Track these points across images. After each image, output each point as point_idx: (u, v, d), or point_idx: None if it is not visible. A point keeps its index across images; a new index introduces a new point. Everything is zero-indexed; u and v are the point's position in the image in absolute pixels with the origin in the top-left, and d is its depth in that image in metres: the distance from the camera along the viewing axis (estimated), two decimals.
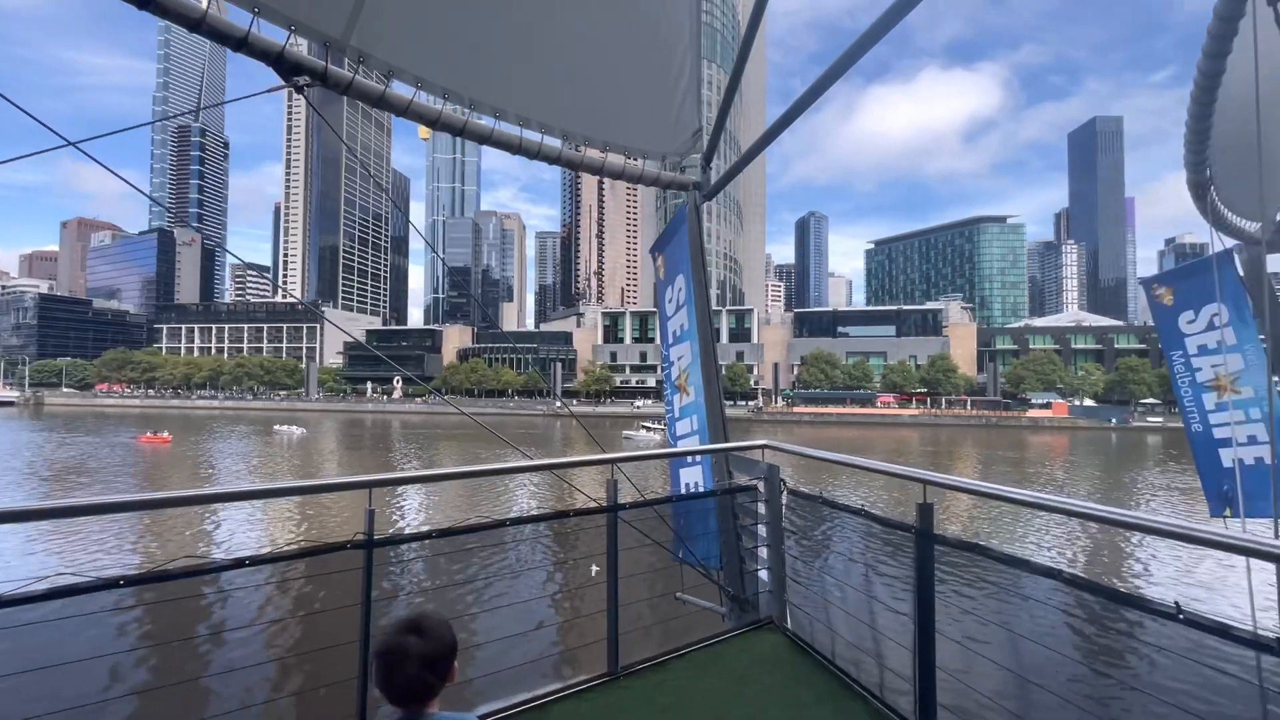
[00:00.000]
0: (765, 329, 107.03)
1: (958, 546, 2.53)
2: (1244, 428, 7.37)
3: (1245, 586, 4.60)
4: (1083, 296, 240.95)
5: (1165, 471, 47.74)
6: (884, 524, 2.99)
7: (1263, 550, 1.51)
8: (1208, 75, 4.14)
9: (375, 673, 1.48)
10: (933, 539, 2.61)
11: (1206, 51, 3.87)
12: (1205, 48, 3.84)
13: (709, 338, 4.83)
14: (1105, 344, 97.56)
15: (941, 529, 2.62)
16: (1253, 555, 1.50)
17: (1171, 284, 8.08)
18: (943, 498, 39.02)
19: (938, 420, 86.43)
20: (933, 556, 2.60)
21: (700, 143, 4.87)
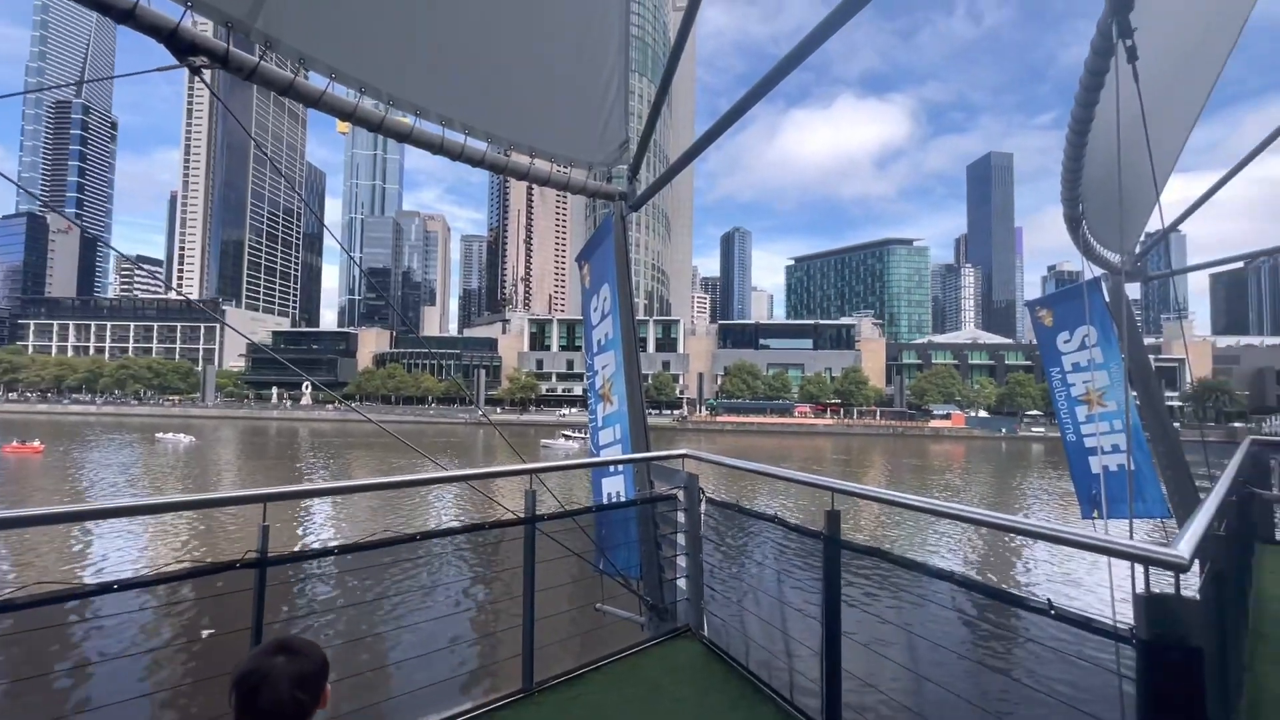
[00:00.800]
0: (691, 339, 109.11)
1: (862, 551, 2.66)
2: (1108, 438, 8.20)
3: (1107, 583, 5.09)
4: (978, 316, 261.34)
5: (1045, 477, 52.37)
6: (795, 531, 3.10)
7: (1120, 550, 1.68)
8: (1079, 122, 4.63)
9: (235, 701, 1.34)
10: (840, 545, 2.73)
11: (1078, 101, 4.33)
12: (1077, 98, 4.30)
13: (633, 347, 4.86)
14: (997, 360, 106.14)
15: (850, 535, 2.75)
16: (1112, 555, 1.67)
17: (1051, 307, 8.91)
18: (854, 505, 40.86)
19: (850, 430, 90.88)
20: (839, 562, 2.72)
21: (627, 154, 4.91)
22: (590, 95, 4.49)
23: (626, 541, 4.24)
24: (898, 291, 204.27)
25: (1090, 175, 5.68)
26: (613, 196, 4.96)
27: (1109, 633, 1.67)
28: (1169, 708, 1.56)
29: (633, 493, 4.63)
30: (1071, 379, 8.57)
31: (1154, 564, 1.58)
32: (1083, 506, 8.54)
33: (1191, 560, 1.54)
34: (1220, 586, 2.44)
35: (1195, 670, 1.53)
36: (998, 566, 21.39)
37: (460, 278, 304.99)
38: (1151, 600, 1.57)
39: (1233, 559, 3.33)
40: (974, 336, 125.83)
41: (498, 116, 4.17)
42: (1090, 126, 4.65)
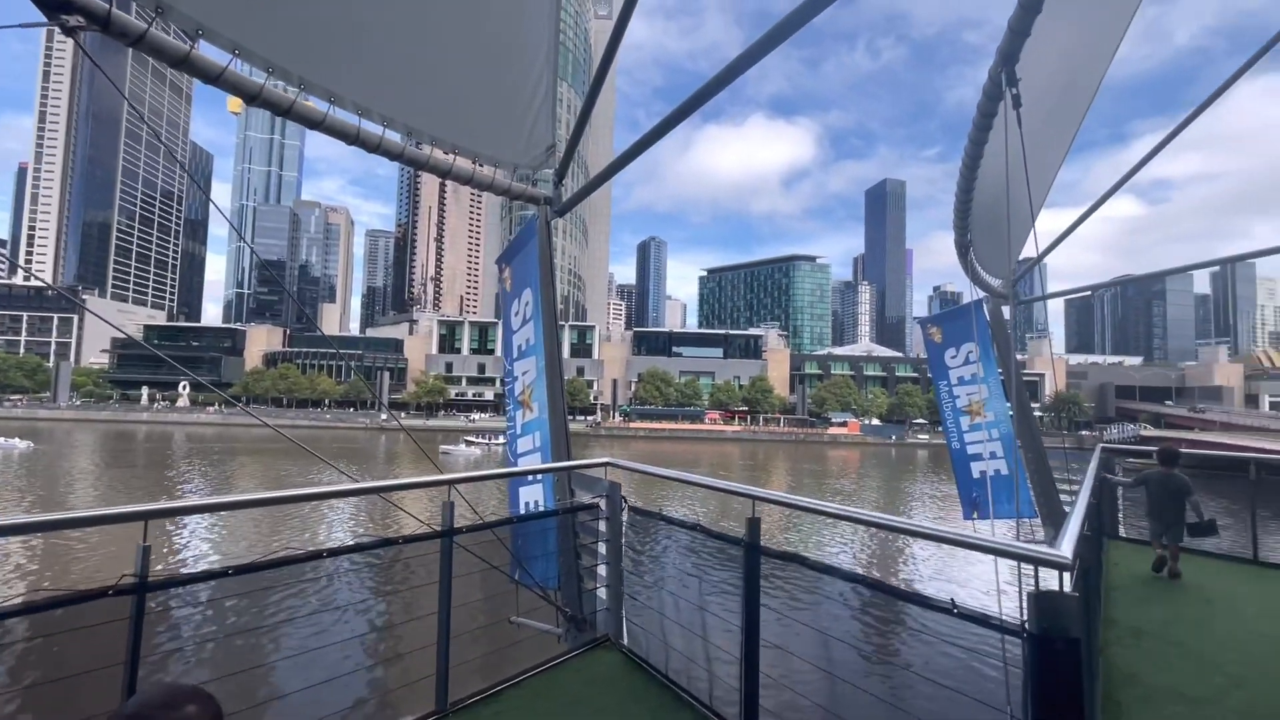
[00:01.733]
0: (606, 346, 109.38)
1: (781, 557, 2.76)
2: (988, 445, 9.01)
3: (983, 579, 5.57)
4: (873, 330, 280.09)
5: (928, 481, 56.83)
6: (717, 538, 3.17)
7: (1014, 552, 1.85)
8: (971, 158, 5.09)
9: None
10: (760, 551, 2.82)
11: (971, 139, 4.77)
12: (970, 136, 4.74)
13: (555, 354, 4.79)
14: (889, 372, 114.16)
15: (766, 540, 2.84)
16: (1007, 556, 1.83)
17: (940, 325, 9.69)
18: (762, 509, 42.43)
19: (756, 436, 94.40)
20: (759, 568, 2.81)
21: (554, 158, 4.86)
22: (518, 96, 4.40)
23: (545, 552, 4.16)
24: (801, 305, 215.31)
25: (979, 206, 6.26)
26: (538, 200, 4.88)
27: (1004, 628, 1.82)
28: (1054, 693, 1.72)
29: (552, 502, 4.55)
30: (957, 391, 9.37)
31: (1042, 564, 1.75)
32: (964, 508, 9.33)
33: (1074, 560, 1.71)
34: (1086, 580, 2.73)
35: (1076, 658, 1.70)
36: (894, 567, 22.84)
37: (364, 274, 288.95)
38: (1040, 597, 1.74)
39: (1093, 555, 3.73)
40: (869, 350, 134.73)
41: (420, 110, 3.99)
42: (980, 163, 5.12)
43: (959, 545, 2.03)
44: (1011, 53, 3.59)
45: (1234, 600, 5.31)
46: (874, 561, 23.48)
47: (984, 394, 8.96)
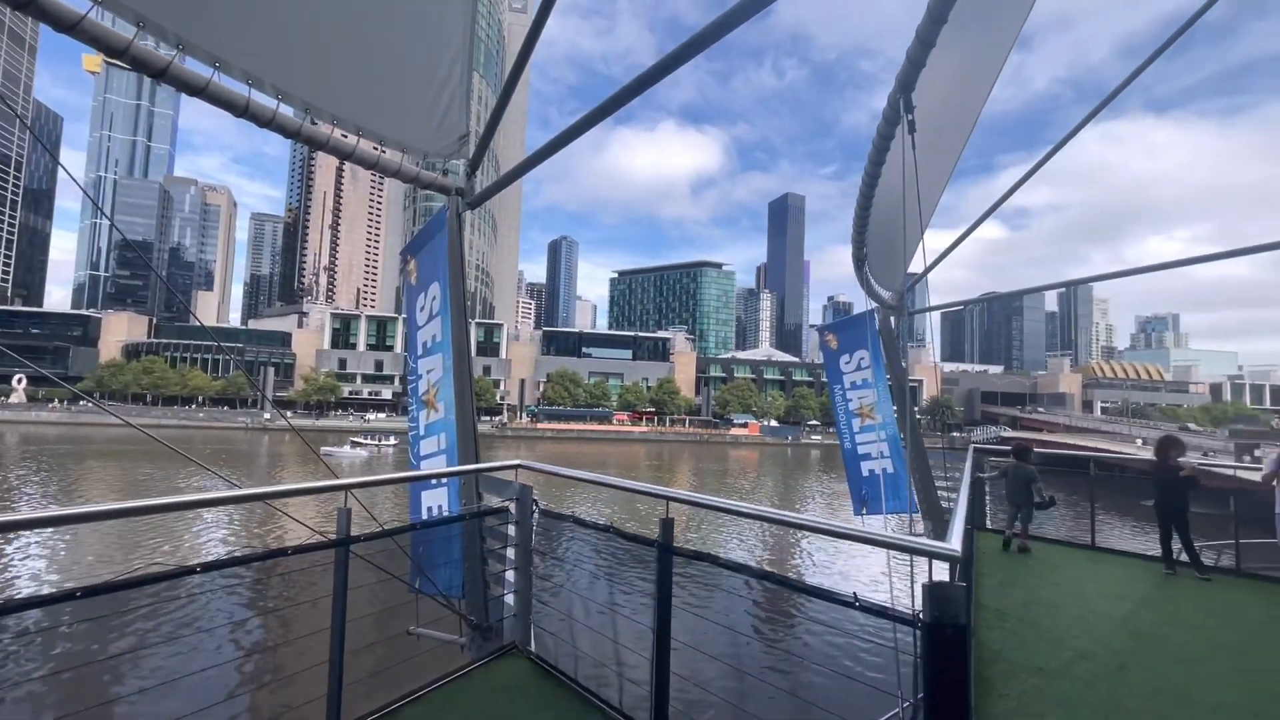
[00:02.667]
0: (514, 345, 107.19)
1: (693, 557, 2.80)
2: (877, 445, 9.66)
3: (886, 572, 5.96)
4: (773, 336, 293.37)
5: (820, 479, 60.36)
6: (630, 540, 3.16)
7: (912, 547, 1.98)
8: (870, 177, 5.44)
9: None
10: (672, 552, 2.84)
11: (870, 159, 5.10)
12: (870, 156, 5.06)
13: (464, 352, 4.60)
14: (786, 376, 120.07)
15: (680, 541, 2.87)
16: (906, 551, 1.96)
17: (836, 332, 10.29)
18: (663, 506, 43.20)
19: (663, 436, 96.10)
20: (672, 568, 2.83)
21: (467, 148, 4.67)
22: (430, 79, 4.18)
23: (449, 560, 3.98)
24: (708, 310, 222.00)
25: (875, 223, 6.71)
26: (449, 191, 4.67)
27: (900, 618, 1.94)
28: (945, 677, 1.85)
29: (457, 506, 4.36)
30: (850, 395, 9.98)
31: (936, 557, 1.88)
32: (854, 504, 9.94)
33: (962, 553, 1.85)
34: (967, 570, 2.97)
35: (964, 644, 1.84)
36: (794, 561, 23.73)
37: (248, 261, 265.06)
38: (934, 588, 1.86)
39: (970, 546, 4.07)
40: (769, 354, 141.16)
41: (321, 85, 3.69)
42: (878, 181, 5.49)
43: (862, 541, 2.15)
44: (908, 82, 3.86)
45: (1078, 583, 6.02)
46: (777, 558, 24.38)
47: (874, 398, 9.61)
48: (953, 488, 9.43)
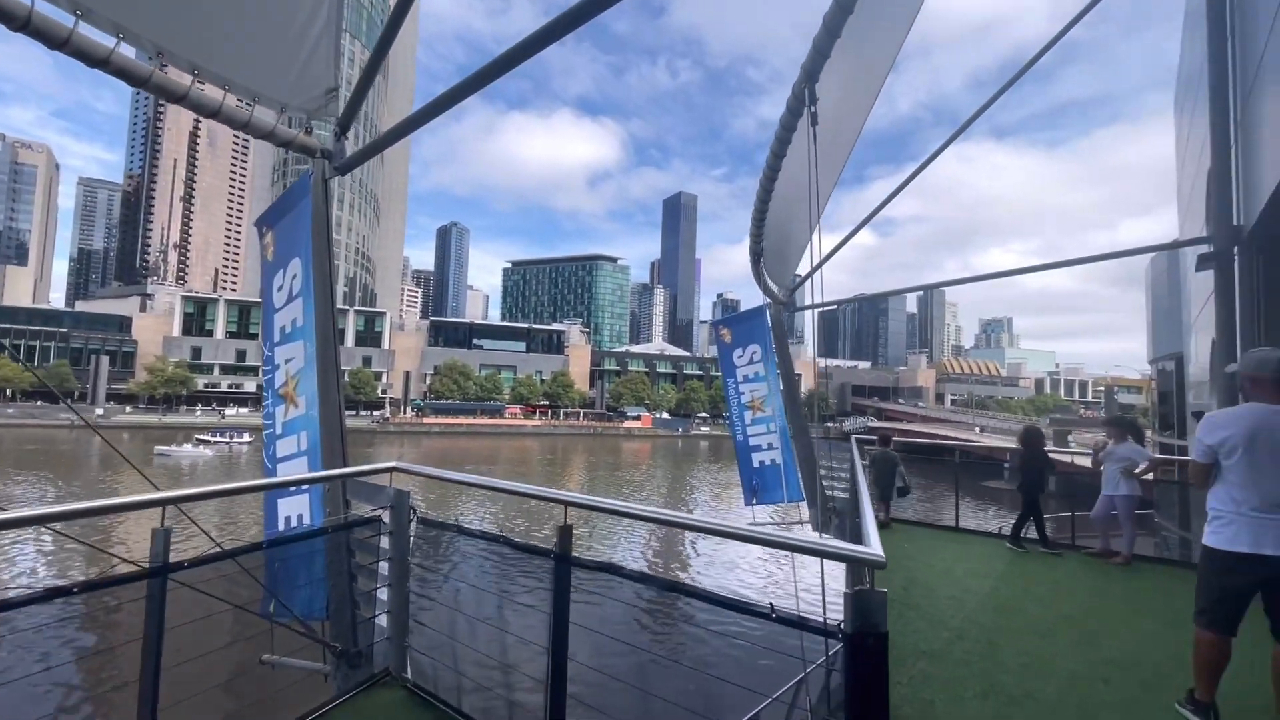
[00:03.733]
0: (398, 335, 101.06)
1: (594, 568, 2.53)
2: (766, 437, 9.93)
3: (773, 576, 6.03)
4: (665, 331, 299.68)
5: (708, 470, 62.57)
6: (523, 550, 2.84)
7: (833, 552, 1.84)
8: (771, 170, 5.45)
9: None
10: (571, 562, 2.56)
11: (773, 151, 5.09)
12: (772, 148, 5.05)
13: (330, 338, 4.00)
14: (678, 369, 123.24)
15: (579, 548, 2.60)
16: (827, 556, 1.83)
17: (730, 326, 10.45)
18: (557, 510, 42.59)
19: (556, 430, 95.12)
20: (570, 581, 2.55)
21: (335, 105, 4.06)
22: (290, 16, 3.55)
23: (310, 579, 3.43)
24: (603, 304, 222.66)
25: (771, 220, 6.79)
26: (313, 152, 4.04)
27: (824, 630, 1.80)
28: (866, 686, 1.72)
29: (320, 517, 3.79)
30: (742, 388, 10.18)
31: (865, 564, 1.76)
32: (745, 495, 10.17)
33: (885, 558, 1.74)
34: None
35: (884, 653, 1.72)
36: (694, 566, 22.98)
37: (75, 233, 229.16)
38: (857, 595, 1.73)
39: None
40: (662, 348, 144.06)
41: (159, 17, 2.98)
42: (778, 174, 5.50)
43: (780, 547, 1.99)
44: (814, 71, 3.82)
45: (948, 563, 6.46)
46: (668, 558, 24.31)
47: (765, 391, 9.86)
48: (834, 474, 9.92)
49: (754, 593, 17.39)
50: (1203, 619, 3.10)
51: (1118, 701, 3.39)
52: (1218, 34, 6.53)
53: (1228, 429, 3.03)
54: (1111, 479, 6.83)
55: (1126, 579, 6.08)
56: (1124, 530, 6.76)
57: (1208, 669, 3.09)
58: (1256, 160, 5.84)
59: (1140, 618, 4.88)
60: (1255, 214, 5.77)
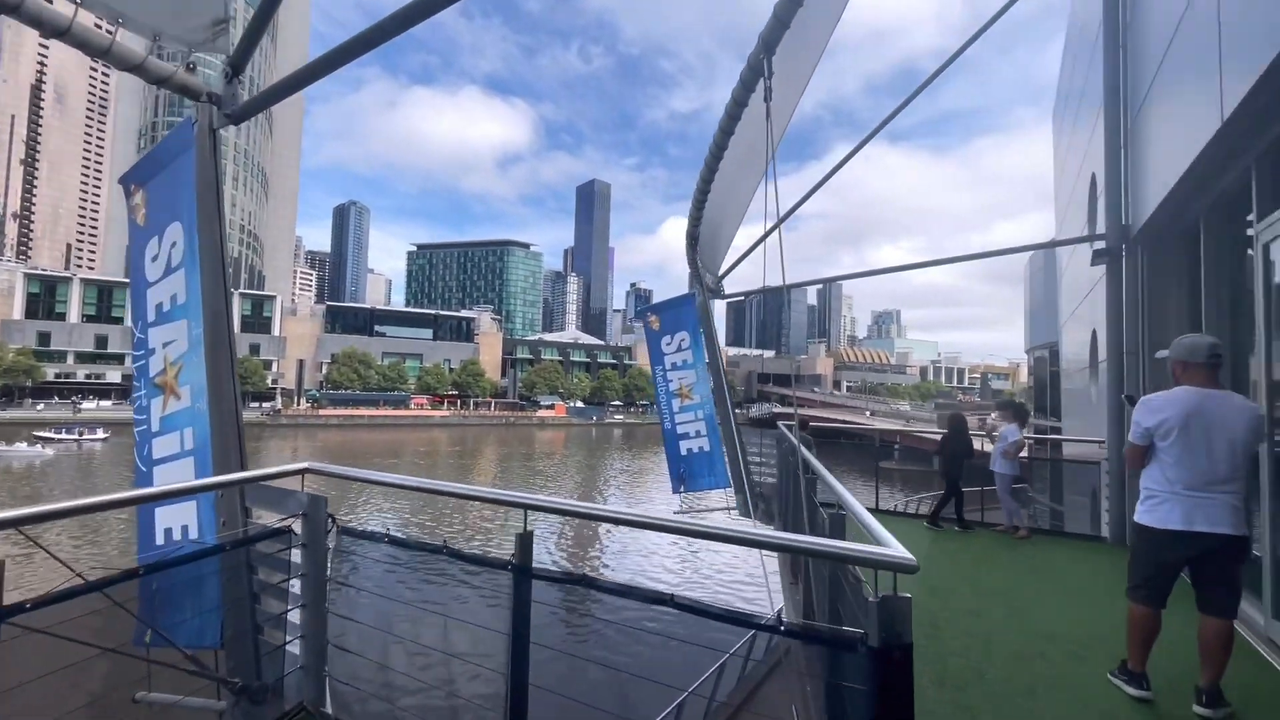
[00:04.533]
0: (291, 320, 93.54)
1: (563, 581, 2.22)
2: (694, 425, 9.88)
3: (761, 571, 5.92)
4: (579, 319, 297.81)
5: (623, 457, 62.93)
6: (473, 562, 2.47)
7: (859, 557, 1.66)
8: (719, 146, 5.26)
9: None
10: (532, 575, 2.24)
11: (721, 128, 4.90)
12: (721, 124, 4.86)
13: (223, 317, 3.37)
14: (592, 358, 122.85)
15: (541, 556, 2.28)
16: (853, 562, 1.64)
17: (659, 313, 10.28)
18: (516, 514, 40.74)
19: (466, 421, 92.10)
20: (530, 596, 2.23)
21: (226, 41, 3.40)
22: None
23: (200, 605, 2.87)
24: (515, 291, 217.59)
25: (709, 208, 6.65)
26: (198, 95, 3.36)
27: (844, 642, 1.60)
28: (893, 703, 1.55)
29: (214, 529, 3.19)
30: (670, 376, 10.07)
31: (898, 569, 1.57)
32: (673, 483, 10.09)
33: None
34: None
35: (910, 663, 1.55)
36: (659, 569, 21.53)
37: None
38: (884, 603, 1.55)
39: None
40: (575, 337, 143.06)
41: None
42: (725, 152, 5.33)
43: (800, 553, 1.78)
44: (772, 41, 3.64)
45: None
46: (640, 566, 22.08)
47: (693, 378, 9.80)
48: (765, 461, 10.05)
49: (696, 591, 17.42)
50: (1138, 594, 3.25)
51: (1055, 676, 3.52)
52: (1112, 59, 7.04)
53: (1165, 412, 3.17)
54: (995, 457, 7.42)
55: (1034, 553, 6.50)
56: (1003, 504, 7.32)
57: (1141, 640, 3.25)
58: (1144, 169, 6.38)
59: (1055, 591, 5.19)
60: (1143, 217, 6.29)
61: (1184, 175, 4.85)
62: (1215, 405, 3.09)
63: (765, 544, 1.91)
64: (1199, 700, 3.08)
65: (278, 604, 2.91)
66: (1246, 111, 3.78)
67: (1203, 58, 4.48)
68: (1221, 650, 3.05)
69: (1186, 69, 4.94)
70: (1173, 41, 5.22)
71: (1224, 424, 3.05)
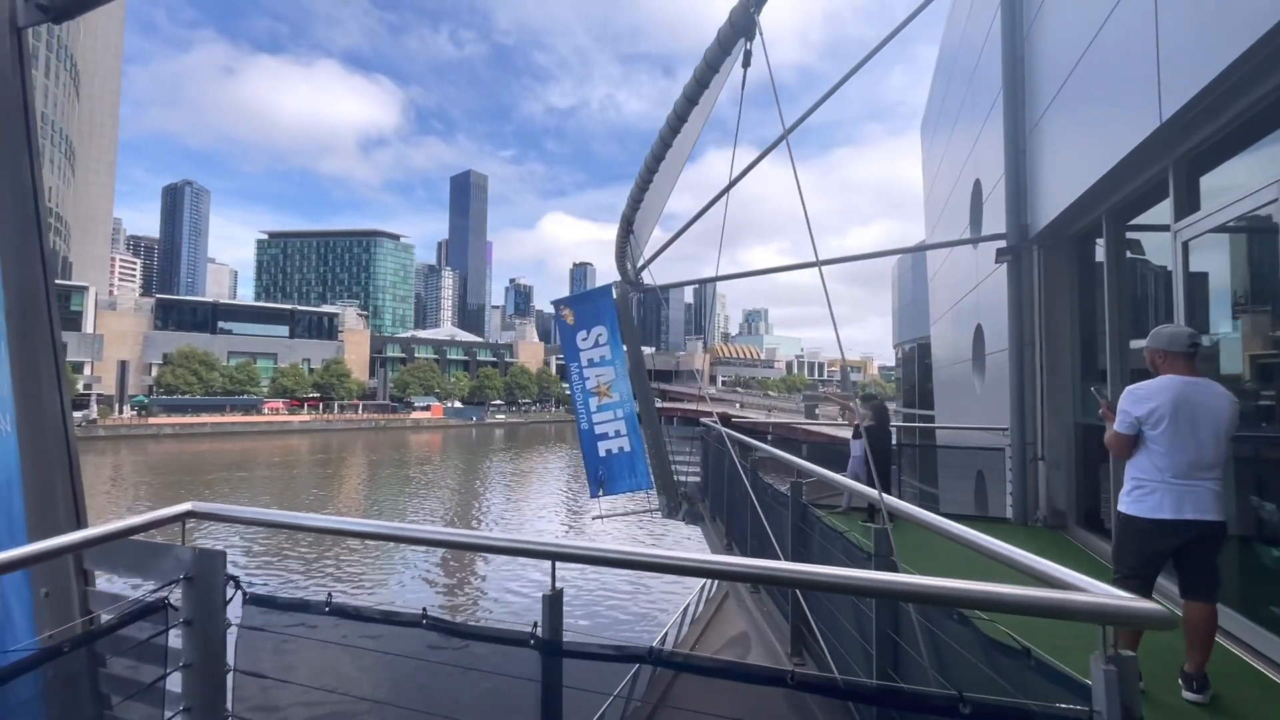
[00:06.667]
0: (109, 315, 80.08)
1: (617, 659, 1.60)
2: (613, 424, 9.37)
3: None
4: (455, 315, 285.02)
5: (507, 460, 60.94)
6: (475, 637, 1.76)
7: (1090, 609, 1.25)
8: (678, 118, 4.78)
9: None
10: (562, 653, 1.60)
11: (686, 95, 4.42)
12: (686, 90, 4.37)
13: (42, 303, 2.32)
14: (471, 356, 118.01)
15: (573, 626, 1.65)
16: (1083, 618, 1.23)
17: (573, 307, 9.64)
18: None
19: (330, 425, 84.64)
20: (561, 681, 1.60)
21: None
22: None
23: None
24: (383, 285, 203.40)
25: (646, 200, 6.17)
26: None
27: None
28: None
29: (28, 613, 2.16)
30: (587, 373, 9.47)
31: (1151, 624, 1.18)
32: (591, 486, 9.52)
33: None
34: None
35: None
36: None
37: None
38: (1121, 666, 1.16)
39: None
40: (452, 334, 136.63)
41: None
42: (684, 125, 4.85)
43: (1010, 609, 1.32)
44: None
45: None
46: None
47: (612, 375, 9.28)
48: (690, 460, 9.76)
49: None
50: (1128, 585, 3.24)
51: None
52: (1010, 74, 7.51)
53: (1154, 400, 3.16)
54: (857, 446, 7.82)
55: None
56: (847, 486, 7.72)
57: (1136, 632, 3.24)
58: (1043, 174, 6.86)
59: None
60: (1044, 218, 6.74)
61: (1103, 177, 5.15)
62: (1199, 393, 3.13)
63: (957, 597, 1.42)
64: (1189, 686, 3.11)
65: (144, 710, 1.99)
66: (1185, 115, 3.99)
67: (1127, 69, 4.75)
68: (1209, 634, 3.10)
69: (1104, 80, 5.25)
70: (1084, 56, 5.56)
71: (1210, 411, 3.09)
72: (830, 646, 3.03)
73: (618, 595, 18.79)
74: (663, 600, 18.50)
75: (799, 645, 3.67)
